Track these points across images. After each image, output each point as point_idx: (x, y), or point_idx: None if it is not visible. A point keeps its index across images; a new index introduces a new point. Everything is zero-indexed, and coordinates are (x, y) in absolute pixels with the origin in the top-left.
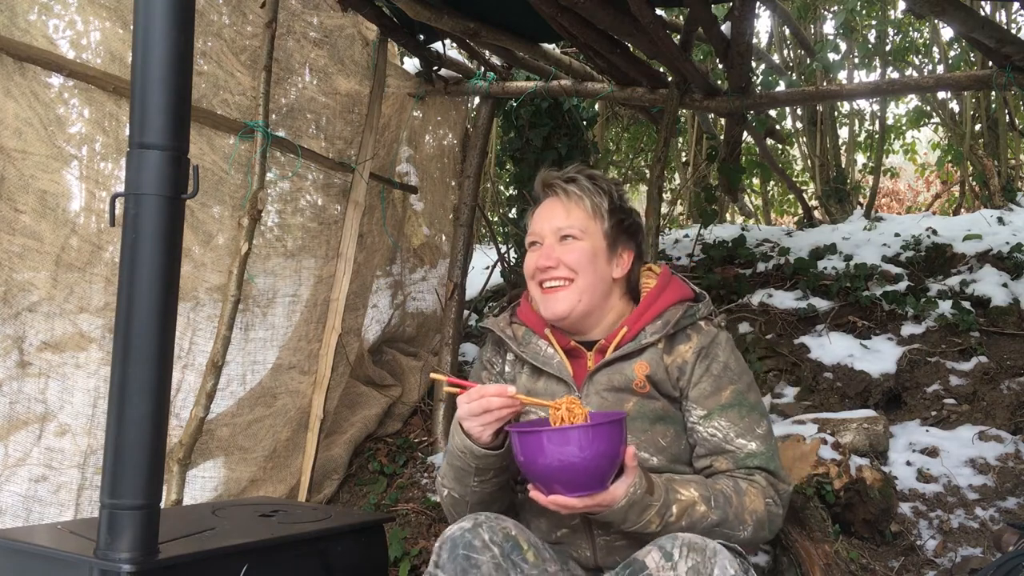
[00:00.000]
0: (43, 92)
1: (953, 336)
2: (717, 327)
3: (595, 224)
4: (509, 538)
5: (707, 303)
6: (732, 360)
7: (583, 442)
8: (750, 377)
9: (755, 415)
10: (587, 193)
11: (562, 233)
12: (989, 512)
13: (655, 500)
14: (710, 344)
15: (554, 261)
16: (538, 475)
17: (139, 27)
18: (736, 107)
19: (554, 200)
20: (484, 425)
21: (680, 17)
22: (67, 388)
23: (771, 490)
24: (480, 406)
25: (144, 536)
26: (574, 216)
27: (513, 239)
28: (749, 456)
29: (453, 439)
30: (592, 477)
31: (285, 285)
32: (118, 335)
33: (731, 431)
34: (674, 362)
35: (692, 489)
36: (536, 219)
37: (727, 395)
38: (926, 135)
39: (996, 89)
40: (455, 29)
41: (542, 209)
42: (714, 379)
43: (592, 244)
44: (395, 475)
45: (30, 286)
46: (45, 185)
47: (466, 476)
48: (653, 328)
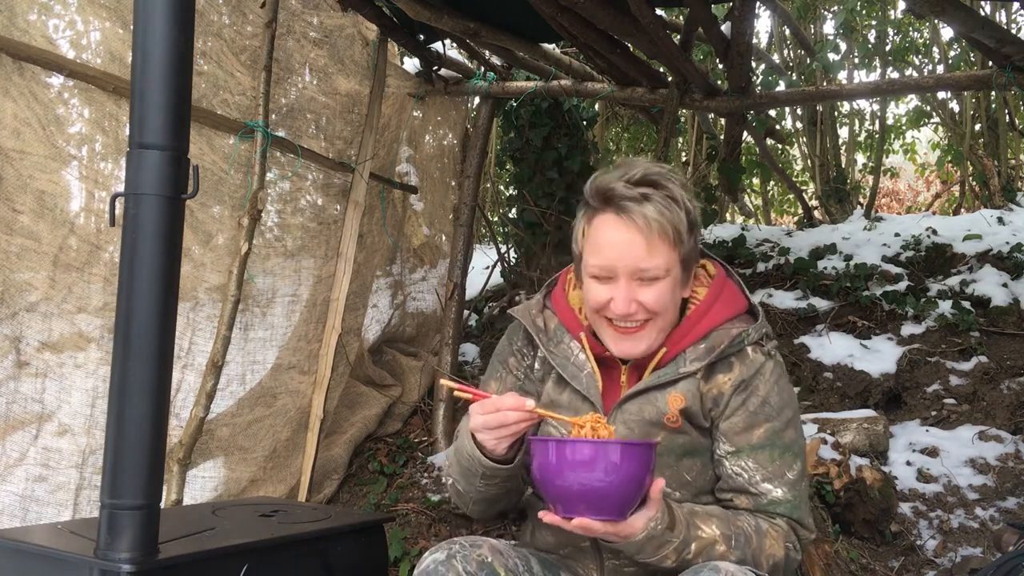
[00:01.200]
0: (42, 92)
1: (953, 336)
2: (766, 355)
3: (675, 253)
4: (484, 566)
5: (760, 324)
6: (773, 394)
7: (611, 462)
8: (792, 411)
9: (788, 457)
10: (668, 219)
11: (643, 275)
12: (989, 512)
13: (675, 536)
14: (752, 376)
15: (634, 308)
16: (557, 492)
17: (139, 27)
18: (736, 107)
19: (629, 227)
20: (499, 439)
21: (680, 17)
22: (65, 388)
23: (792, 535)
24: (496, 420)
25: (144, 536)
26: (657, 253)
27: (513, 239)
28: (773, 503)
29: (462, 441)
30: (615, 502)
31: (285, 285)
32: (118, 335)
33: (757, 474)
34: (710, 392)
35: (714, 527)
36: (605, 245)
37: (760, 434)
38: (926, 135)
39: (996, 89)
40: (455, 29)
41: (614, 236)
42: (749, 415)
43: (673, 277)
44: (395, 475)
45: (28, 286)
46: (43, 185)
47: (472, 477)
48: (695, 353)
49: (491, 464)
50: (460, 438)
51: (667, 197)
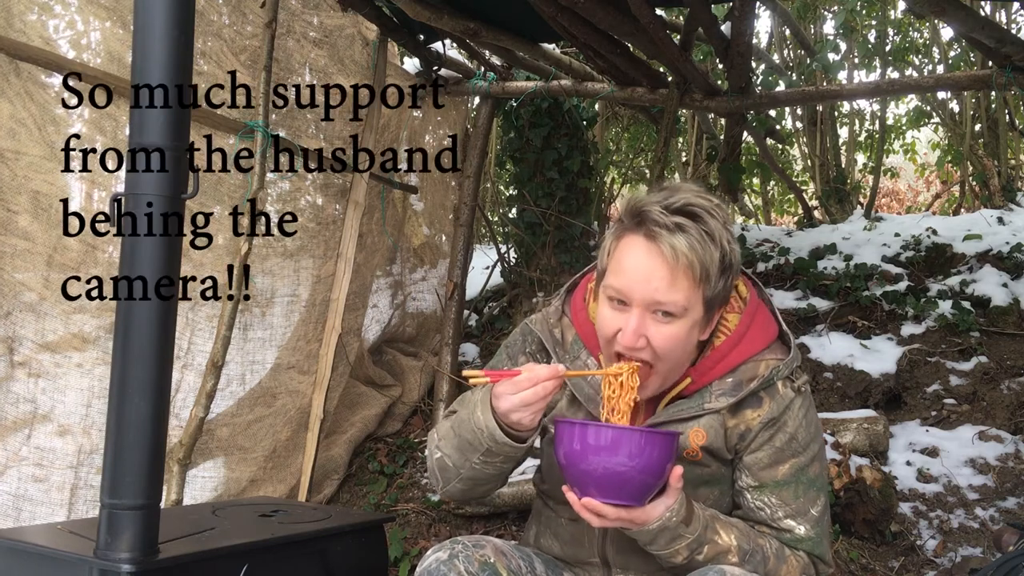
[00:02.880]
0: (39, 92)
1: (953, 336)
2: (796, 391)
3: (698, 293)
4: (487, 567)
5: (792, 358)
6: (801, 430)
7: (634, 448)
8: (818, 445)
9: (812, 492)
10: (698, 255)
11: (658, 308)
12: (989, 512)
13: (689, 532)
14: (782, 413)
15: (643, 343)
16: (577, 474)
17: (139, 27)
18: (736, 107)
19: (654, 255)
20: (535, 413)
21: (680, 17)
22: (60, 388)
23: (812, 569)
24: (537, 393)
25: (144, 536)
26: (678, 287)
27: (513, 239)
28: (795, 540)
29: (468, 414)
30: (634, 488)
31: (284, 285)
32: (118, 335)
33: (780, 511)
34: (736, 427)
35: (732, 536)
36: (627, 269)
37: (785, 470)
38: (926, 135)
39: (996, 89)
40: (455, 29)
41: (638, 261)
42: (775, 451)
43: (690, 319)
44: (395, 475)
45: (23, 286)
46: (39, 186)
47: (471, 452)
48: (721, 388)
49: (506, 441)
50: (465, 410)
51: (703, 232)
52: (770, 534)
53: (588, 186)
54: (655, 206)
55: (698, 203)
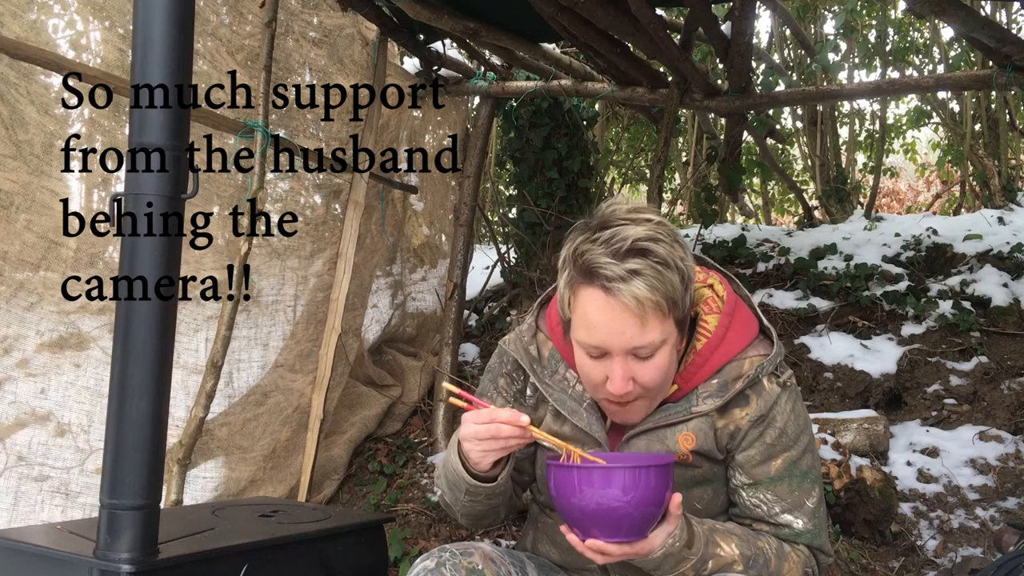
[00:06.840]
0: (39, 92)
1: (953, 336)
2: (782, 386)
3: (670, 321)
4: (474, 573)
5: (776, 353)
6: (790, 423)
7: (627, 485)
8: (808, 437)
9: (806, 485)
10: (661, 293)
11: (638, 353)
12: (989, 512)
13: (692, 554)
14: (770, 409)
15: (631, 386)
16: (575, 516)
17: (139, 27)
18: (736, 107)
19: (618, 309)
20: (486, 452)
21: (680, 17)
22: (63, 387)
23: (812, 561)
24: (488, 431)
25: (144, 536)
26: (651, 328)
27: (513, 239)
28: (794, 534)
29: (450, 454)
30: (634, 523)
31: (284, 285)
32: (118, 335)
33: (776, 506)
34: (726, 427)
35: (734, 546)
36: (595, 325)
37: (778, 465)
38: (926, 135)
39: (996, 89)
40: (455, 29)
41: (604, 316)
42: (766, 447)
43: (669, 345)
44: (395, 475)
45: (28, 286)
46: (43, 185)
47: (457, 491)
48: (707, 390)
49: (473, 481)
50: (448, 450)
51: (657, 265)
52: (768, 532)
53: (588, 186)
54: (602, 257)
55: (642, 235)
